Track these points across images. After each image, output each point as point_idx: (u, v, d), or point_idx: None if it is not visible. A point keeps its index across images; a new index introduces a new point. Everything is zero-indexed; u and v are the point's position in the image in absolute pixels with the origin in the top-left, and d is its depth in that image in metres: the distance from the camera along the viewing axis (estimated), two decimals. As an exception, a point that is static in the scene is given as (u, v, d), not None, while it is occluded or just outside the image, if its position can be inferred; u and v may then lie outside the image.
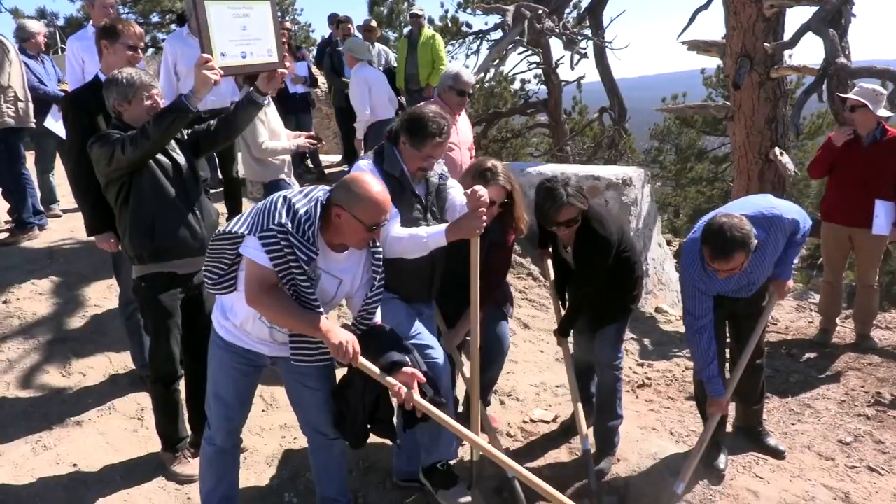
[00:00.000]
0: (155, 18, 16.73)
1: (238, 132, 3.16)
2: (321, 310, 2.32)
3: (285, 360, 2.53)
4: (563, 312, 3.45)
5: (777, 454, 3.51)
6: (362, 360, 2.37)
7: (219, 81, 2.80)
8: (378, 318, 2.61)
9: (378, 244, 2.49)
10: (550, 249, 3.53)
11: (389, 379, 2.40)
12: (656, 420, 3.89)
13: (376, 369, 2.40)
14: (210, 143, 3.08)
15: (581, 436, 3.27)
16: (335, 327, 2.33)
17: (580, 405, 3.35)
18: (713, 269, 2.89)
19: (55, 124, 5.58)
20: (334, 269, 2.42)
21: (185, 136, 3.03)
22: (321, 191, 2.36)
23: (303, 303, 2.31)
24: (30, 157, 5.75)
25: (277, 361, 2.60)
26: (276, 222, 2.22)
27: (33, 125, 5.41)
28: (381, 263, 2.51)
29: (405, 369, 2.42)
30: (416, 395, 2.42)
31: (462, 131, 4.22)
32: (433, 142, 2.71)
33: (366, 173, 2.43)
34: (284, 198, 2.30)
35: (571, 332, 3.49)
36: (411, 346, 2.60)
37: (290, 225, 2.21)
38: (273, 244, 2.22)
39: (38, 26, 5.88)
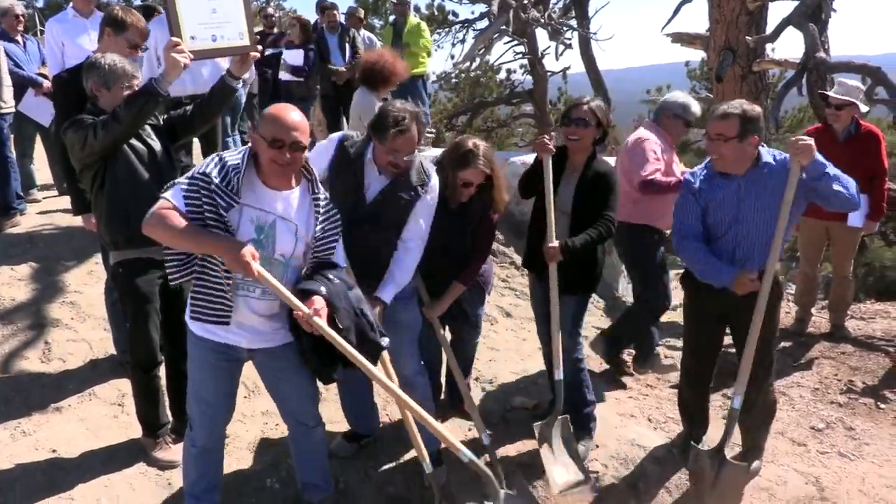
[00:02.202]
0: (137, 1, 16.49)
1: (214, 117, 3.16)
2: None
3: (262, 351, 2.53)
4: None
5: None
6: (267, 275, 2.30)
7: (188, 65, 2.78)
8: (340, 259, 2.63)
9: (318, 191, 2.48)
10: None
11: (293, 299, 2.35)
12: (634, 407, 3.96)
13: (282, 288, 2.33)
14: (186, 128, 3.09)
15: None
16: (233, 239, 2.29)
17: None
18: (705, 136, 2.97)
19: (33, 109, 5.51)
20: (285, 214, 2.42)
21: (161, 122, 3.02)
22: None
23: None
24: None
25: (255, 354, 2.59)
26: (200, 172, 2.29)
27: (11, 109, 5.35)
28: (328, 208, 2.52)
29: (315, 298, 2.38)
30: (321, 322, 2.35)
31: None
32: (391, 134, 2.70)
33: (286, 103, 2.44)
34: (219, 156, 2.35)
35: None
36: (351, 284, 2.56)
37: (213, 174, 2.27)
38: (192, 191, 2.27)
39: (8, 2, 5.68)
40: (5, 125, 5.35)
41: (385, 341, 2.57)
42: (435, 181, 2.94)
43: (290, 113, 2.35)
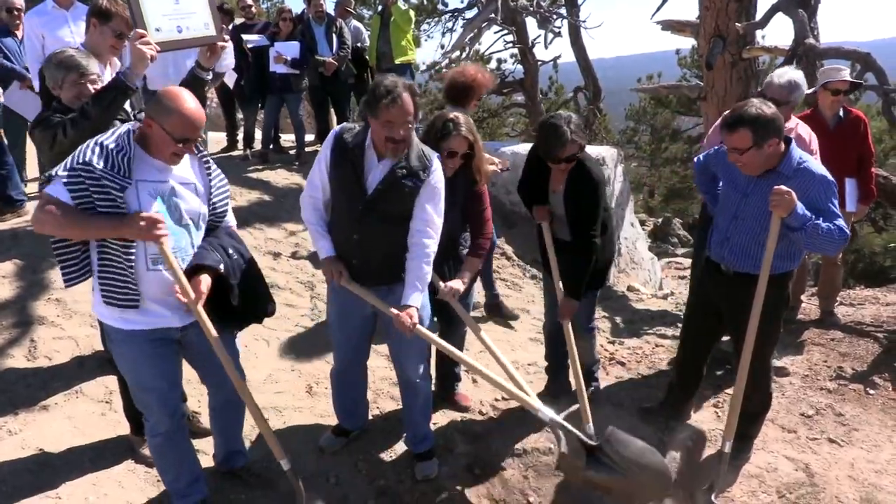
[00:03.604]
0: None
1: None
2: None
3: (192, 328, 2.52)
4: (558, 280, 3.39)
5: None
6: (166, 248, 2.32)
7: (155, 57, 2.75)
8: (230, 221, 2.68)
9: (202, 150, 2.51)
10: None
11: (183, 281, 2.37)
12: (626, 396, 3.95)
13: (177, 266, 2.36)
14: None
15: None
16: (126, 215, 2.29)
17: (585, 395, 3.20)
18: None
19: (18, 103, 5.43)
20: (182, 176, 2.44)
21: (133, 117, 2.98)
22: (130, 124, 2.41)
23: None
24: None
25: (186, 332, 2.56)
26: (80, 161, 2.25)
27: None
28: (215, 169, 2.56)
29: (202, 280, 2.43)
30: (200, 310, 2.42)
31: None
32: (383, 105, 2.61)
33: (181, 88, 2.41)
34: (95, 140, 2.31)
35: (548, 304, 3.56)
36: (239, 252, 2.62)
37: (94, 160, 2.24)
38: (76, 181, 2.24)
39: None
40: None
41: (271, 308, 2.72)
42: (437, 165, 2.83)
43: (197, 109, 2.33)
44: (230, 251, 2.54)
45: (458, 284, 3.11)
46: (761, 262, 2.85)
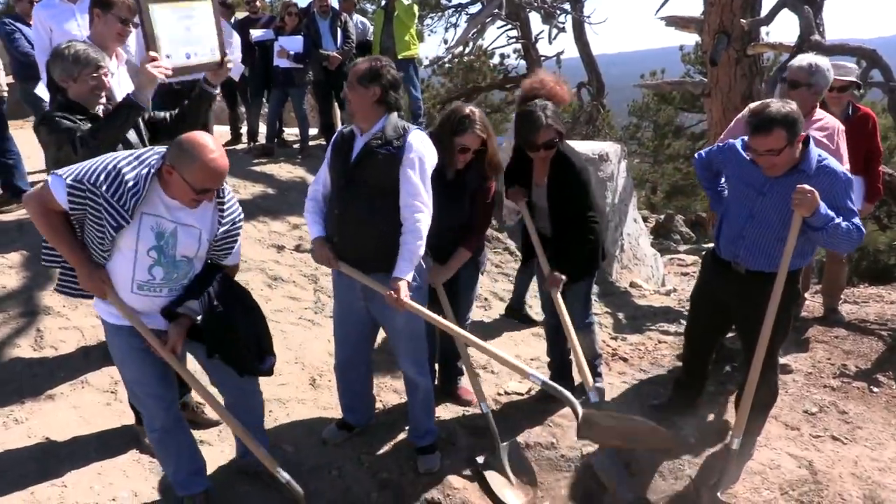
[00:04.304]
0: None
1: (196, 125, 3.12)
2: (103, 262, 2.38)
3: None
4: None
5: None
6: (114, 296, 2.38)
7: (164, 80, 2.79)
8: (236, 257, 2.67)
9: (223, 196, 2.47)
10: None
11: (150, 336, 2.43)
12: (630, 392, 3.96)
13: (140, 322, 2.42)
14: (169, 132, 3.04)
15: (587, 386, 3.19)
16: (89, 264, 2.35)
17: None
18: (752, 152, 2.84)
19: (45, 91, 5.45)
20: (188, 220, 2.41)
21: (144, 122, 2.98)
22: (156, 154, 2.34)
23: (90, 251, 2.37)
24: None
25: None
26: (91, 181, 2.22)
27: (6, 91, 5.33)
28: (231, 209, 2.54)
29: (172, 331, 2.47)
30: (172, 358, 2.47)
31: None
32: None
33: (205, 135, 2.36)
34: (115, 164, 2.27)
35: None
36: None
37: (104, 188, 2.21)
38: (77, 192, 2.23)
39: None
40: (3, 107, 5.35)
41: (266, 366, 2.65)
42: (417, 137, 2.80)
43: (220, 159, 2.29)
44: (212, 291, 2.52)
45: (446, 272, 3.21)
46: (777, 260, 2.85)
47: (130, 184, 2.23)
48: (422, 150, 2.79)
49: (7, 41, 5.68)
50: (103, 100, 2.91)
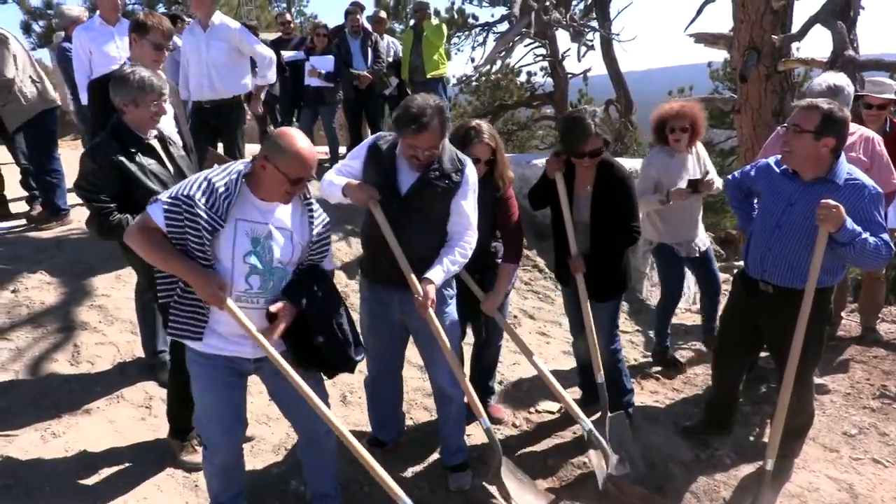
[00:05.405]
0: (161, 9, 16.73)
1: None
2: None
3: (267, 361, 2.48)
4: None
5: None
6: (235, 310, 2.35)
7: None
8: (329, 262, 2.67)
9: (309, 197, 2.53)
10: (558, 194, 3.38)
11: (259, 337, 2.38)
12: (662, 412, 3.90)
13: (249, 325, 2.36)
14: None
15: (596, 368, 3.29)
16: (204, 271, 2.32)
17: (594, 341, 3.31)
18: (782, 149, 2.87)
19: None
20: (280, 222, 2.45)
21: (183, 140, 3.05)
22: (241, 164, 2.43)
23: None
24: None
25: (261, 364, 2.56)
26: (184, 193, 2.29)
27: (59, 103, 5.46)
28: (320, 212, 2.58)
29: (278, 324, 2.42)
30: (275, 353, 2.41)
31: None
32: (410, 131, 2.67)
33: (294, 129, 2.43)
34: (206, 175, 2.35)
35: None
36: (336, 297, 2.63)
37: (198, 196, 2.27)
38: (175, 212, 2.28)
39: (77, 11, 5.92)
40: (56, 123, 5.44)
41: (360, 357, 2.64)
42: (471, 168, 2.87)
43: (310, 149, 2.37)
44: (315, 288, 2.52)
45: (497, 297, 3.19)
46: (804, 275, 2.81)
47: (221, 189, 2.31)
48: (475, 182, 2.88)
49: (68, 65, 5.81)
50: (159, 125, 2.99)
